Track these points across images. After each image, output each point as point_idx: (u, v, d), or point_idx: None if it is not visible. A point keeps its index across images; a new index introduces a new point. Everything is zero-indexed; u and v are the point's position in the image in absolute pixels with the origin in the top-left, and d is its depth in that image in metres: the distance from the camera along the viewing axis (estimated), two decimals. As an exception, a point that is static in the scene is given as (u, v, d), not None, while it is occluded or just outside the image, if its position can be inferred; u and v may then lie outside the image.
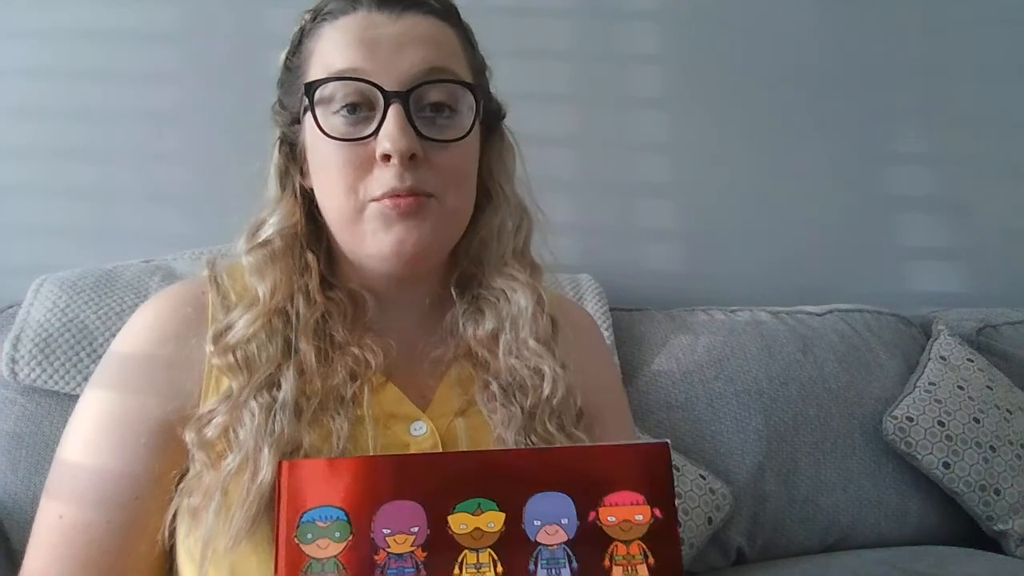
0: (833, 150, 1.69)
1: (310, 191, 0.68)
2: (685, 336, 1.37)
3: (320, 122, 0.63)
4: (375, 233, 0.63)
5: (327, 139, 0.63)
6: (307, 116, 0.65)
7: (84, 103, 1.39)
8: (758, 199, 1.65)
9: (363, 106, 0.63)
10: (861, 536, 1.30)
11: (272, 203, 0.69)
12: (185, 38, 1.44)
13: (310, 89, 0.64)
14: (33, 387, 1.07)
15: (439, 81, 0.64)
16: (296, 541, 0.46)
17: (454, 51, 0.67)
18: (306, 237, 0.68)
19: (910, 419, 1.31)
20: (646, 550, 0.47)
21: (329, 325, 0.66)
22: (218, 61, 1.44)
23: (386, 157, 0.61)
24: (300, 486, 0.47)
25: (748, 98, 1.66)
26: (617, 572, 0.47)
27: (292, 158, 0.70)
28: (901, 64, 1.72)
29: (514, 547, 0.47)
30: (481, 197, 0.71)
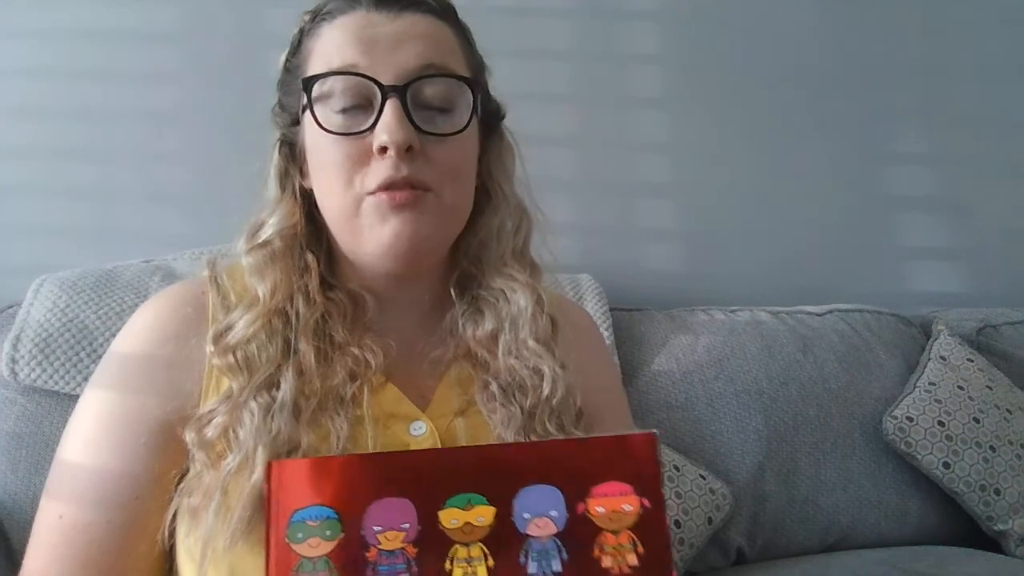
0: (833, 150, 1.69)
1: (310, 192, 0.69)
2: (685, 336, 1.37)
3: (319, 118, 0.63)
4: (372, 227, 0.63)
5: (325, 135, 0.63)
6: (306, 115, 0.66)
7: (84, 103, 1.39)
8: (758, 199, 1.65)
9: (361, 103, 0.63)
10: (861, 536, 1.30)
11: (272, 204, 0.69)
12: (185, 38, 1.44)
13: (308, 84, 0.64)
14: (33, 387, 1.07)
15: (436, 76, 0.64)
16: (287, 540, 0.46)
17: (451, 49, 0.67)
18: (306, 238, 0.68)
19: (910, 419, 1.31)
20: (635, 539, 0.47)
21: (329, 325, 0.66)
22: (218, 61, 1.44)
23: (383, 150, 0.62)
24: (289, 486, 0.47)
25: (748, 98, 1.66)
26: (607, 562, 0.47)
27: (292, 159, 0.70)
28: (901, 64, 1.72)
29: (505, 540, 0.47)
30: (481, 197, 0.71)
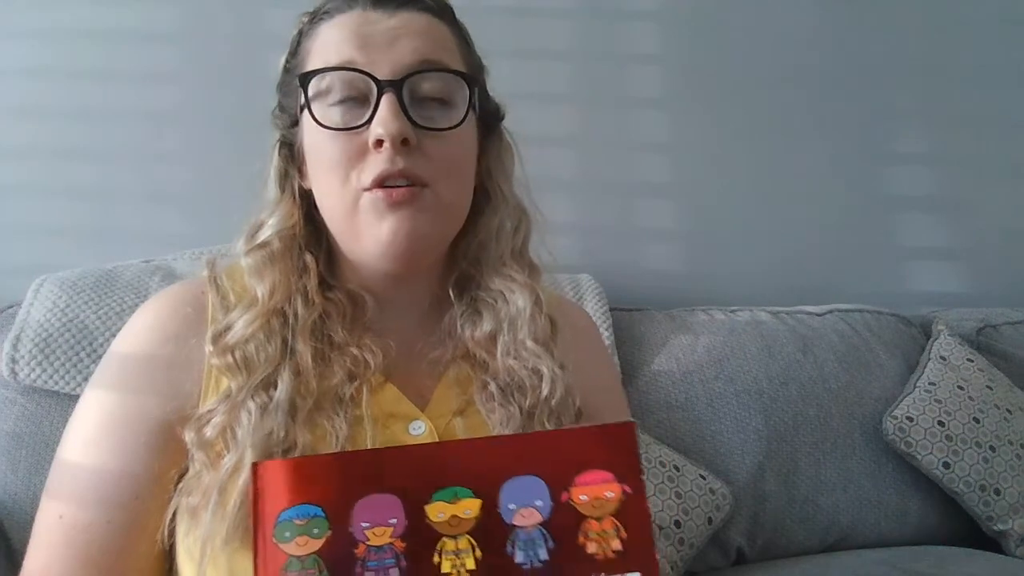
0: (833, 150, 1.69)
1: (309, 193, 0.69)
2: (685, 336, 1.37)
3: (316, 114, 0.64)
4: (369, 225, 0.63)
5: (323, 132, 0.63)
6: (304, 115, 0.66)
7: (84, 103, 1.40)
8: (758, 199, 1.66)
9: (358, 99, 0.63)
10: (861, 536, 1.31)
11: (271, 204, 0.69)
12: (185, 38, 1.45)
13: (305, 81, 0.64)
14: (33, 387, 1.07)
15: (432, 70, 0.64)
16: (274, 540, 0.46)
17: (448, 46, 0.67)
18: (305, 238, 0.69)
19: (910, 419, 1.31)
20: (618, 525, 0.48)
21: (327, 326, 0.66)
22: (218, 61, 1.44)
23: (379, 143, 0.62)
24: (275, 486, 0.48)
25: (748, 98, 1.66)
26: (592, 548, 0.48)
27: (291, 160, 0.70)
28: (901, 64, 1.72)
29: (491, 531, 0.47)
30: (480, 198, 0.71)
